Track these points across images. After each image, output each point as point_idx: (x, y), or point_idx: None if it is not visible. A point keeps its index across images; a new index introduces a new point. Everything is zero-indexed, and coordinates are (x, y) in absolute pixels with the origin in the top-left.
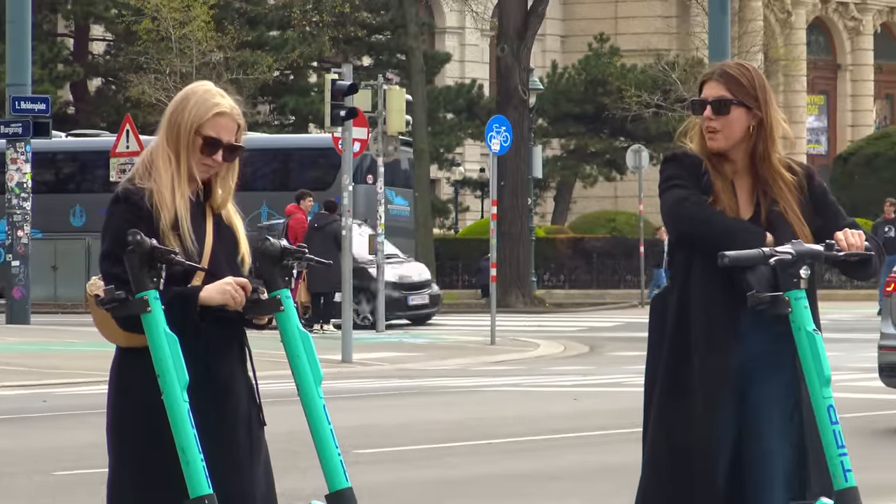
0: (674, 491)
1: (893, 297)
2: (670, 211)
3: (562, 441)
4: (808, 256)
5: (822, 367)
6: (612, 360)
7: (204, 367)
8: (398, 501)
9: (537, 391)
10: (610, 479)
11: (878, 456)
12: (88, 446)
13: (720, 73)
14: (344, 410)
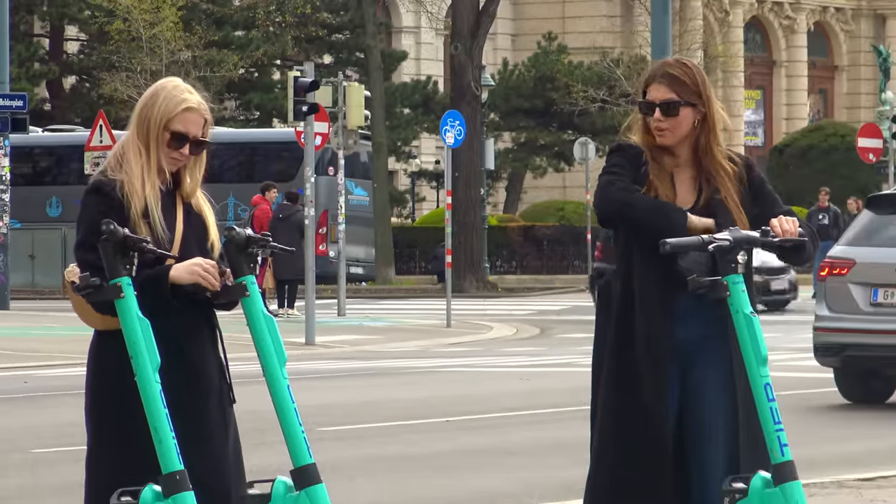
0: (623, 474)
1: (827, 282)
2: (598, 194)
3: (515, 418)
4: (745, 242)
5: (758, 347)
6: (562, 342)
7: (177, 349)
8: (360, 476)
9: (491, 371)
10: (561, 454)
11: (813, 432)
12: (67, 425)
13: (663, 75)
14: (308, 390)
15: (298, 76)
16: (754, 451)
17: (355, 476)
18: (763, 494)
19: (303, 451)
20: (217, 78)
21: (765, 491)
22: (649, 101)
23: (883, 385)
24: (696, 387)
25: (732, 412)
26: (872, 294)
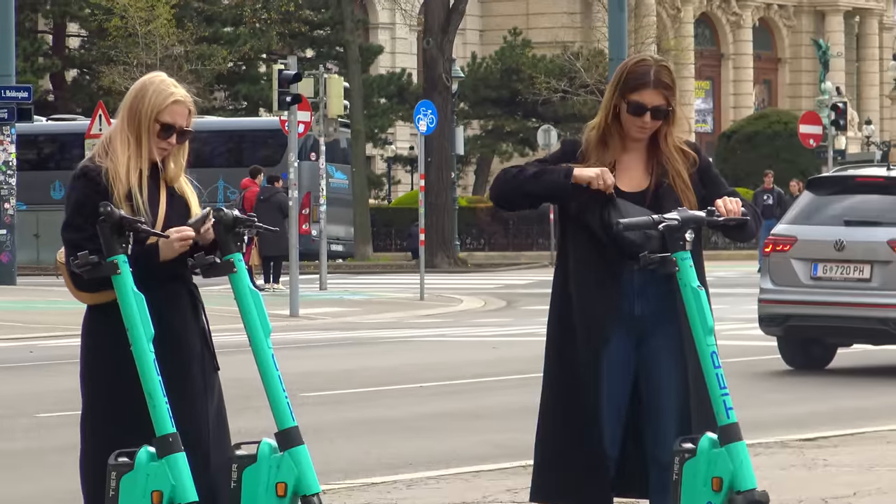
0: (561, 439)
1: (771, 257)
2: (491, 189)
3: (484, 384)
4: (692, 221)
5: (705, 318)
6: (527, 314)
7: (158, 318)
8: (340, 439)
9: (461, 341)
10: (526, 417)
11: (758, 396)
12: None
13: (657, 83)
14: (291, 359)
15: (283, 69)
16: (703, 415)
17: (335, 438)
18: (710, 454)
19: (286, 415)
20: (207, 71)
21: (712, 451)
22: (642, 105)
23: (823, 352)
24: (651, 355)
25: (683, 379)
26: (812, 268)
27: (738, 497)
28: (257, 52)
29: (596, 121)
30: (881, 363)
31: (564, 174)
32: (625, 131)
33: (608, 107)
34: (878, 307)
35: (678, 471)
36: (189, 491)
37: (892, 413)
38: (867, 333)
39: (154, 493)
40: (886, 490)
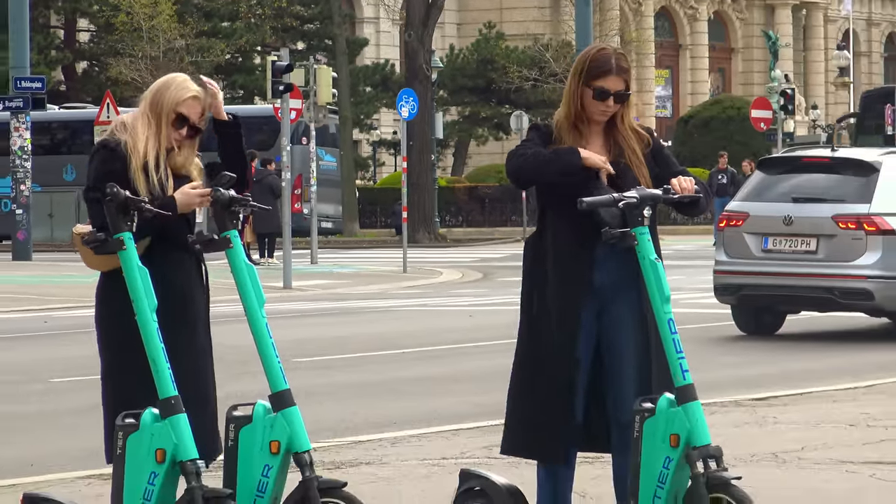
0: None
1: (725, 232)
2: (506, 162)
3: (461, 349)
4: (650, 199)
5: (662, 288)
6: (502, 284)
7: (169, 283)
8: (329, 401)
9: (441, 310)
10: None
11: (713, 359)
12: (81, 357)
13: (619, 69)
14: (284, 327)
15: (276, 60)
16: (662, 377)
17: (325, 400)
18: (668, 413)
19: (279, 378)
20: (207, 62)
21: (669, 410)
22: (606, 90)
23: (773, 319)
24: (613, 322)
25: (644, 344)
26: (763, 242)
27: (694, 452)
28: (252, 45)
29: (563, 110)
30: (827, 329)
31: (575, 158)
32: (587, 115)
33: (575, 94)
34: (823, 277)
35: (639, 428)
36: (190, 449)
37: (837, 374)
38: (814, 302)
39: (158, 451)
40: (832, 445)
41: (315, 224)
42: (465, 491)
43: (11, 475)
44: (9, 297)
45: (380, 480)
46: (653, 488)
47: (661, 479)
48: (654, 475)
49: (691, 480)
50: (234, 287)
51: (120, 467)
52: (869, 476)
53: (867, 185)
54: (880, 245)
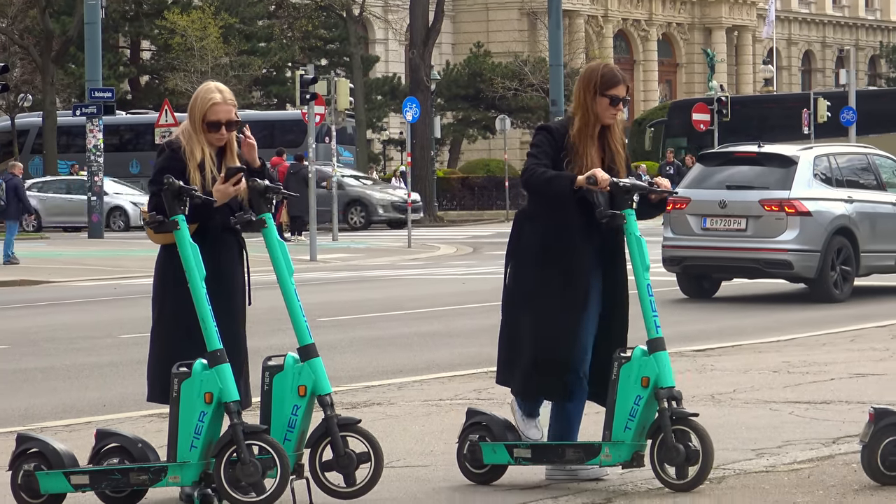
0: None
1: (672, 213)
2: (522, 177)
3: (456, 310)
4: (638, 188)
5: (644, 259)
6: (489, 257)
7: (216, 260)
8: (347, 353)
9: (439, 278)
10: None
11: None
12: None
13: (624, 79)
14: (310, 293)
15: (303, 74)
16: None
17: (343, 352)
18: (641, 361)
19: (305, 334)
20: (247, 76)
21: (642, 358)
22: (618, 97)
23: (710, 285)
24: (606, 284)
25: (624, 304)
26: (703, 222)
27: (661, 391)
28: (284, 62)
29: (579, 120)
30: (754, 293)
31: (566, 183)
32: (598, 119)
33: (591, 104)
34: (751, 250)
35: (616, 372)
36: (233, 392)
37: (762, 330)
38: (743, 270)
39: (206, 394)
40: (758, 388)
41: (336, 208)
42: (471, 424)
43: (87, 414)
44: (85, 268)
45: (388, 418)
46: (625, 421)
47: (632, 413)
48: (627, 410)
49: (658, 414)
50: (269, 260)
51: (175, 407)
52: (788, 413)
53: (787, 175)
54: (798, 224)
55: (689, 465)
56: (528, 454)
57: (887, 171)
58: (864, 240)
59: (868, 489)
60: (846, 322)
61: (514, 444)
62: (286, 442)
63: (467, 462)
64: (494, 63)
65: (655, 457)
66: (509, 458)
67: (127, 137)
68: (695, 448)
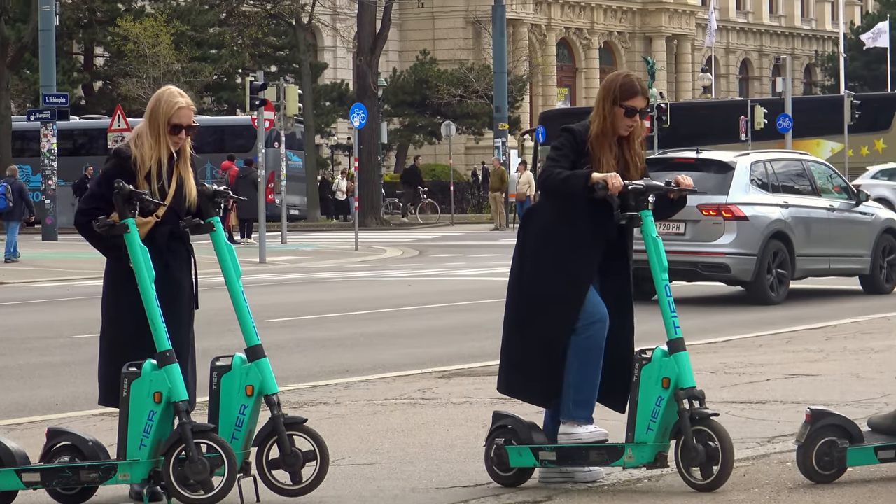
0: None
1: None
2: (539, 178)
3: (401, 312)
4: (654, 188)
5: (661, 260)
6: (434, 260)
7: (164, 266)
8: (295, 353)
9: (385, 280)
10: (432, 336)
11: None
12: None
13: (642, 90)
14: (259, 294)
15: (253, 80)
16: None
17: (292, 352)
18: (662, 361)
19: (252, 335)
20: (198, 82)
21: (662, 358)
22: (635, 108)
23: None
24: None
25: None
26: None
27: (681, 392)
28: (235, 68)
29: (596, 128)
30: (692, 295)
31: (581, 181)
32: (615, 130)
33: (608, 114)
34: (690, 254)
35: (637, 373)
36: (182, 392)
37: (700, 331)
38: (682, 273)
39: (156, 393)
40: None
41: (284, 211)
42: (497, 427)
43: (39, 413)
44: (38, 269)
45: (334, 417)
46: (647, 422)
47: (654, 414)
48: (648, 411)
49: (678, 416)
50: (217, 262)
51: (125, 407)
52: (725, 413)
53: (724, 180)
54: (735, 228)
55: (711, 464)
56: (553, 456)
57: (822, 177)
58: (799, 244)
59: (802, 487)
60: (782, 324)
61: (539, 446)
62: (234, 441)
63: (494, 465)
64: (440, 70)
65: (679, 458)
66: (535, 461)
67: (80, 142)
68: (714, 447)
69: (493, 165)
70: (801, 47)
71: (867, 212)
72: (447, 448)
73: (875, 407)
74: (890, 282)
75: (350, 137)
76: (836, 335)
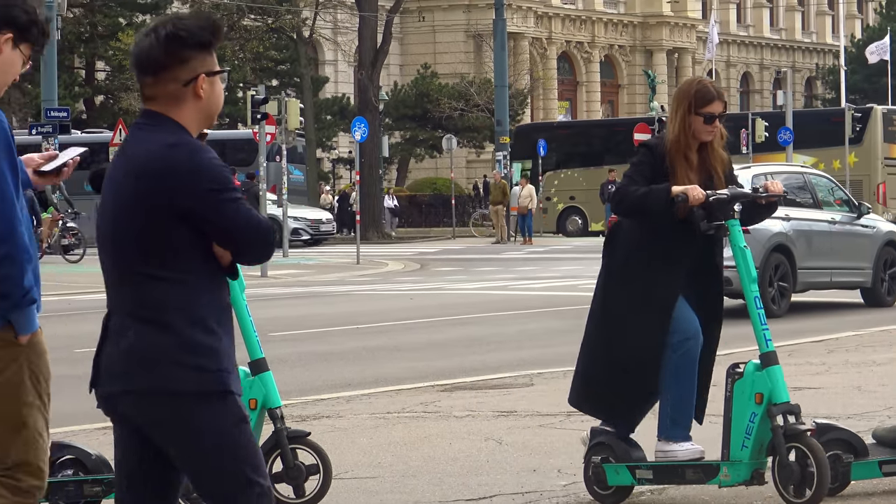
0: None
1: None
2: (613, 199)
3: (403, 325)
4: (740, 196)
5: (750, 270)
6: (435, 273)
7: None
8: (297, 367)
9: (387, 293)
10: (434, 349)
11: None
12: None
13: (719, 95)
14: (262, 308)
15: (255, 94)
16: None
17: (294, 366)
18: (755, 375)
19: (256, 349)
20: None
21: (756, 373)
22: (713, 114)
23: None
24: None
25: (719, 321)
26: None
27: (774, 408)
28: (236, 82)
29: (674, 138)
30: None
31: (662, 195)
32: (695, 137)
33: (684, 122)
34: None
35: (730, 389)
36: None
37: None
38: None
39: None
40: None
41: (286, 224)
42: (595, 445)
43: None
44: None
45: (337, 430)
46: (741, 439)
47: (748, 431)
48: (742, 428)
49: (772, 432)
50: None
51: None
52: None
53: None
54: None
55: (804, 483)
56: (650, 475)
57: (823, 190)
58: (800, 257)
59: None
60: (784, 337)
61: (636, 464)
62: None
63: (593, 484)
64: (441, 84)
65: (776, 475)
66: (632, 479)
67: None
68: (809, 465)
69: (494, 179)
70: (802, 60)
71: (868, 225)
72: (450, 461)
73: (877, 420)
74: (891, 294)
75: (351, 151)
76: (838, 348)
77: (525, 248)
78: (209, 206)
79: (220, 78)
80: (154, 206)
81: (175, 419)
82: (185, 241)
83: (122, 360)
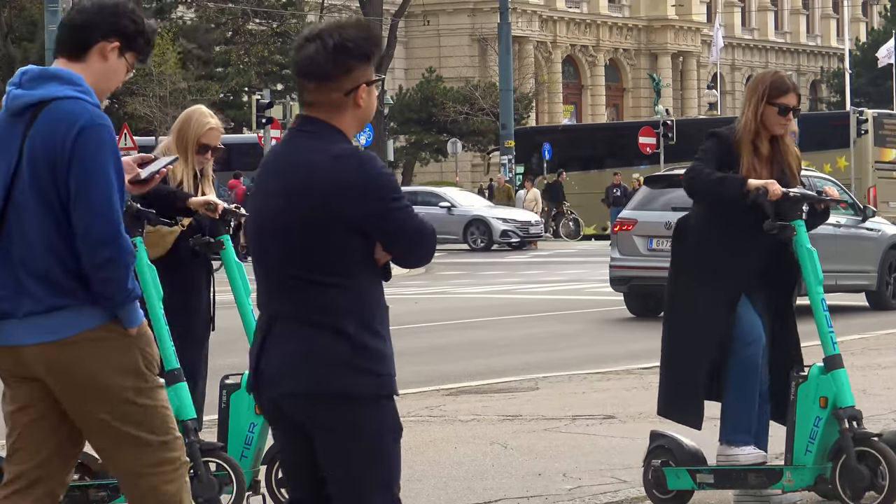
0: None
1: (619, 235)
2: (685, 178)
3: (408, 329)
4: (809, 198)
5: (817, 271)
6: (440, 277)
7: (181, 288)
8: None
9: (391, 297)
10: (439, 353)
11: (609, 336)
12: None
13: (794, 88)
14: None
15: (260, 99)
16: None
17: None
18: (819, 379)
19: None
20: (204, 100)
21: (820, 377)
22: (788, 105)
23: (656, 304)
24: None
25: (793, 320)
26: (649, 242)
27: (840, 412)
28: (241, 87)
29: (744, 128)
30: None
31: (737, 185)
32: (768, 129)
33: (756, 113)
34: None
35: (794, 392)
36: (190, 411)
37: None
38: None
39: None
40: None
41: None
42: (655, 448)
43: None
44: None
45: None
46: (805, 443)
47: (812, 435)
48: (807, 432)
49: (840, 436)
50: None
51: None
52: None
53: None
54: None
55: (872, 487)
56: (711, 479)
57: None
58: None
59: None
60: None
61: (696, 468)
62: (243, 459)
63: (652, 488)
64: (446, 88)
65: (838, 480)
66: (693, 484)
67: None
68: (881, 469)
69: (499, 182)
70: (807, 63)
71: (874, 228)
72: (455, 465)
73: (883, 423)
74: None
75: None
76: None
77: (530, 251)
78: (380, 216)
79: (375, 85)
80: (324, 218)
81: (345, 422)
82: (352, 248)
83: (292, 364)
